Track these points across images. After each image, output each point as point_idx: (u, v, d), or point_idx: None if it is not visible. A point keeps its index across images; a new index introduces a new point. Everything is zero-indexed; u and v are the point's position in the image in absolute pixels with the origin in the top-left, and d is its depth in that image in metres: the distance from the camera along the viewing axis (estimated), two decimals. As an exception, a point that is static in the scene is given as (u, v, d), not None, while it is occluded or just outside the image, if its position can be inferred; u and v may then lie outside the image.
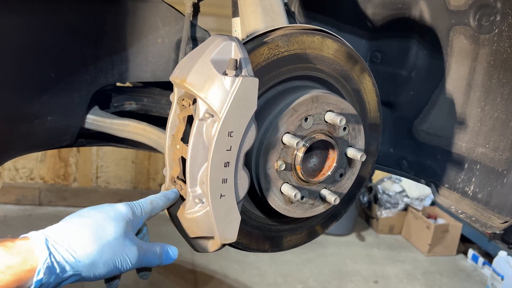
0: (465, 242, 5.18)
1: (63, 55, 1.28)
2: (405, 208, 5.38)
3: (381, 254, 4.98)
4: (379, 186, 5.42)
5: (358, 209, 5.47)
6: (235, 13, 1.33)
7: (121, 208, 0.85)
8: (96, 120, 1.46)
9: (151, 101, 1.65)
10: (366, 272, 4.58)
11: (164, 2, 1.42)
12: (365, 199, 5.56)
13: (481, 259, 4.86)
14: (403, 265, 4.80)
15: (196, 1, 1.45)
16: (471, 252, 5.03)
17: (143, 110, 1.67)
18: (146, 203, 0.91)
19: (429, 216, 5.20)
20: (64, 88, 1.31)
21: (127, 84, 1.68)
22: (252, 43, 0.99)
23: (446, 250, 5.09)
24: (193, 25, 1.48)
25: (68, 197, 5.17)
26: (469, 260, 5.02)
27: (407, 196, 5.34)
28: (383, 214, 5.36)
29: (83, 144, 1.48)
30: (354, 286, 4.33)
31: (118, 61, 1.42)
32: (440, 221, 5.15)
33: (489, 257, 4.75)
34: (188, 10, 1.44)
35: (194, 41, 1.49)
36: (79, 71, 1.33)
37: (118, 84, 1.58)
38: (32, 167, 5.12)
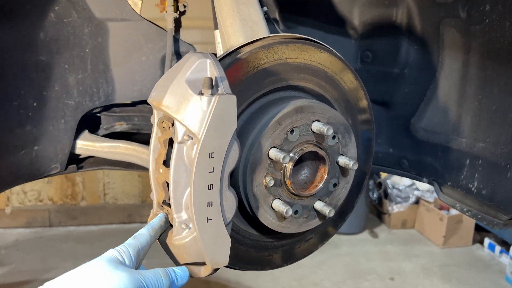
0: (480, 231, 5.08)
1: (43, 82, 1.25)
2: (417, 201, 5.30)
3: (396, 250, 4.91)
4: (388, 181, 5.35)
5: (369, 205, 5.40)
6: (217, 25, 1.30)
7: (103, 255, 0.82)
8: (85, 145, 1.44)
9: (142, 119, 1.63)
10: (381, 269, 4.51)
11: (145, 19, 1.39)
12: (375, 195, 5.50)
13: (498, 248, 4.77)
14: (418, 259, 4.72)
15: (178, 16, 1.43)
16: (487, 241, 4.93)
17: (135, 129, 1.64)
18: (129, 240, 0.87)
19: (441, 208, 5.11)
20: (48, 116, 1.29)
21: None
22: (230, 57, 0.96)
23: (462, 241, 5.00)
24: (177, 40, 1.46)
25: (77, 216, 5.18)
26: (486, 250, 4.92)
27: (417, 189, 5.27)
28: (395, 209, 5.29)
29: (75, 170, 1.46)
30: (370, 284, 4.26)
31: (103, 83, 1.39)
32: (453, 211, 5.06)
33: (506, 245, 4.66)
34: (169, 25, 1.41)
35: (179, 56, 1.46)
36: (62, 97, 1.30)
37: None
38: (40, 189, 5.14)
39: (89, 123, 1.51)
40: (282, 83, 1.00)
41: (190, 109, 0.82)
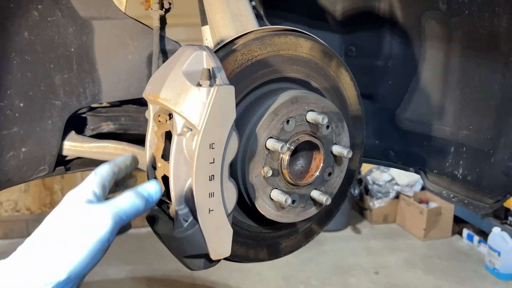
0: (459, 222, 5.22)
1: (29, 82, 1.23)
2: (397, 196, 5.41)
3: (379, 245, 4.99)
4: (369, 177, 5.44)
5: (351, 202, 5.48)
6: (204, 22, 1.30)
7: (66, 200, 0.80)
8: (73, 145, 1.41)
9: (128, 119, 1.61)
10: (366, 264, 4.58)
11: (130, 17, 1.38)
12: (356, 191, 5.57)
13: (476, 238, 4.91)
14: (401, 253, 4.82)
15: (163, 13, 1.42)
16: (465, 231, 5.07)
17: (122, 130, 1.62)
18: (90, 177, 0.85)
19: (421, 201, 5.23)
20: (34, 117, 1.26)
21: (104, 104, 1.64)
22: (224, 50, 0.96)
23: (442, 232, 5.12)
24: (163, 38, 1.45)
25: (57, 225, 5.05)
26: (465, 240, 5.06)
27: (397, 184, 5.37)
28: (376, 204, 5.38)
29: (63, 172, 1.43)
30: (356, 280, 4.32)
31: (89, 82, 1.38)
32: (432, 205, 5.18)
33: (484, 235, 4.80)
34: (155, 23, 1.40)
35: (165, 54, 1.46)
36: (48, 97, 1.28)
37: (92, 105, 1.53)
38: (16, 198, 5.00)
39: (75, 124, 1.48)
40: (276, 75, 1.01)
41: (189, 101, 0.82)
